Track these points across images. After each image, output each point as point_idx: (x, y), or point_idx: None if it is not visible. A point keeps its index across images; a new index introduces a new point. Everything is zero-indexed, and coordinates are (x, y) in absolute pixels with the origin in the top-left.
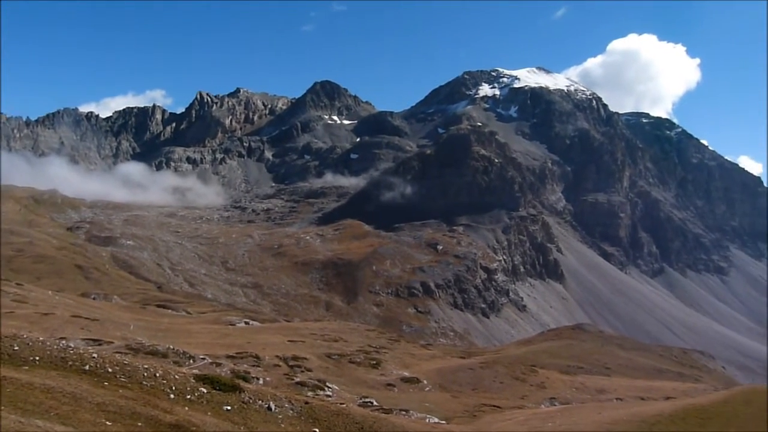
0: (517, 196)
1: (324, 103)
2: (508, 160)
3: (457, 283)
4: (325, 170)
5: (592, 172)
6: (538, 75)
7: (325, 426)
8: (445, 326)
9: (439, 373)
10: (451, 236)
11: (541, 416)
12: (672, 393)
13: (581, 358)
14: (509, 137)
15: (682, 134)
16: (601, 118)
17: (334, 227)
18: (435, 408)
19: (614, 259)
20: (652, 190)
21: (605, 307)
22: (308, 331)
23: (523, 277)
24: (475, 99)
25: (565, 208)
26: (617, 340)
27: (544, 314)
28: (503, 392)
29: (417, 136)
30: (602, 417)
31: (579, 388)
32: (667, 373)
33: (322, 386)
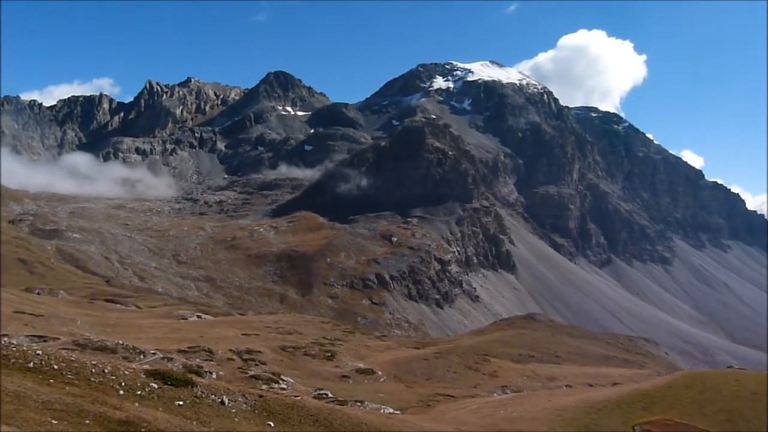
0: (470, 189)
1: (277, 93)
2: (461, 152)
3: (412, 274)
4: (279, 162)
5: (543, 164)
6: (491, 69)
7: (280, 419)
8: (400, 317)
9: (393, 364)
10: (405, 228)
11: (493, 404)
12: (618, 379)
13: (532, 347)
14: (463, 130)
15: (629, 128)
16: (552, 112)
17: (289, 219)
18: (390, 398)
19: (564, 249)
20: (601, 183)
21: (555, 297)
22: (262, 324)
23: (476, 268)
24: (430, 92)
25: (517, 200)
26: (567, 329)
27: (496, 304)
28: (457, 381)
29: (371, 128)
30: (552, 404)
31: (530, 376)
32: (614, 360)
33: (277, 379)
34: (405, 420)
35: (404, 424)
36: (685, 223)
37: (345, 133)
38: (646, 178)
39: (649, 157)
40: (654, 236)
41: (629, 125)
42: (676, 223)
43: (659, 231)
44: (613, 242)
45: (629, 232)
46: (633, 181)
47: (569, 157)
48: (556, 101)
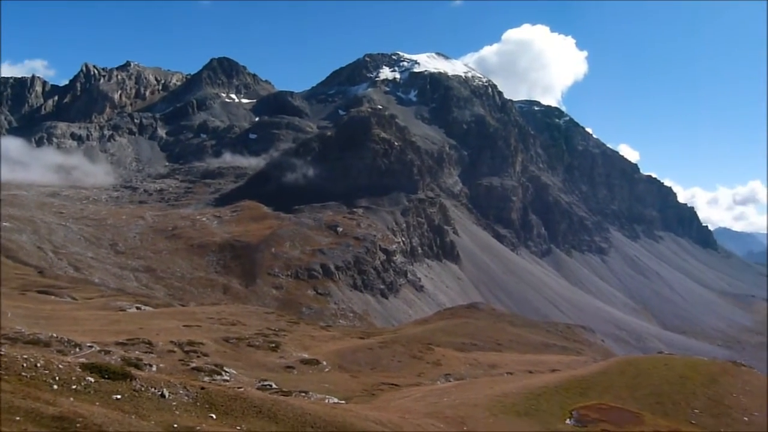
0: (415, 179)
1: (221, 80)
2: (407, 143)
3: (357, 264)
4: (222, 150)
5: (487, 157)
6: (437, 60)
7: (222, 411)
8: (345, 307)
9: (338, 354)
10: (351, 218)
11: (437, 392)
12: (557, 366)
13: (475, 336)
14: (409, 121)
15: (570, 122)
16: (497, 104)
17: (232, 209)
18: (334, 388)
19: (506, 240)
20: (542, 175)
21: (498, 287)
22: (205, 316)
23: (421, 259)
24: (376, 82)
25: (462, 191)
26: (508, 318)
27: (440, 294)
28: (401, 370)
29: (317, 117)
30: (494, 390)
31: (473, 364)
32: (553, 347)
33: (220, 371)
34: (350, 409)
35: (349, 413)
36: (621, 214)
37: (290, 122)
38: (585, 171)
39: (588, 150)
40: (592, 227)
41: (570, 119)
42: (613, 214)
43: (597, 222)
44: (554, 233)
45: (569, 223)
46: (573, 174)
47: (512, 150)
48: (501, 94)
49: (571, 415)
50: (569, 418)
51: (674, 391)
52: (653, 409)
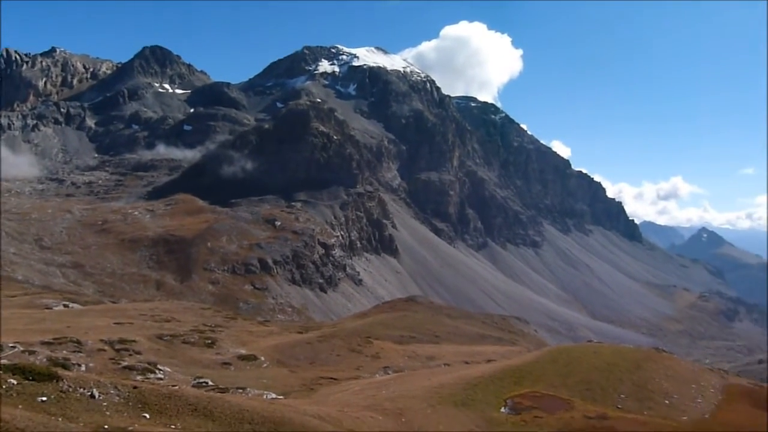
0: (354, 173)
1: (154, 70)
2: (346, 137)
3: (295, 258)
4: (155, 141)
5: (425, 151)
6: (377, 55)
7: (156, 410)
8: (283, 302)
9: (276, 349)
10: (289, 212)
11: (375, 385)
12: (492, 356)
13: (413, 328)
14: (348, 115)
15: (505, 119)
16: (435, 100)
17: (166, 202)
18: (272, 384)
19: (444, 234)
20: (479, 170)
21: (435, 280)
22: (137, 312)
23: (360, 252)
24: (315, 75)
25: (400, 185)
26: (446, 310)
27: (379, 288)
28: (340, 364)
29: (255, 109)
30: (431, 382)
31: (411, 357)
32: (489, 338)
33: (153, 369)
34: (288, 404)
35: (287, 408)
36: (554, 209)
37: (227, 114)
38: (520, 167)
39: (523, 146)
40: (526, 221)
41: (505, 116)
42: (546, 209)
43: (531, 216)
44: (490, 227)
45: (504, 217)
46: (508, 169)
47: (450, 145)
48: (438, 90)
49: (505, 404)
50: (504, 406)
51: (602, 378)
52: (583, 396)
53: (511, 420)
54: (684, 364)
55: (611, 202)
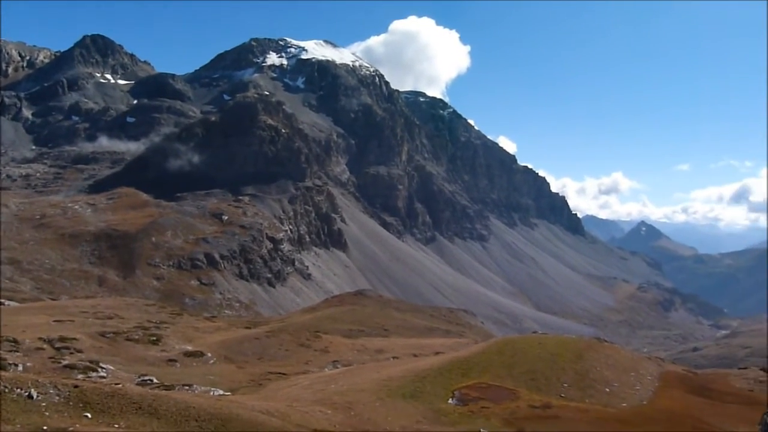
0: (303, 167)
1: (95, 59)
2: (295, 130)
3: (243, 253)
4: (97, 133)
5: (374, 146)
6: (325, 48)
7: (98, 409)
8: (231, 297)
9: (223, 345)
10: (236, 206)
11: (324, 379)
12: (440, 348)
13: (362, 322)
14: (296, 108)
15: (453, 114)
16: (383, 94)
17: (108, 196)
18: (220, 380)
19: (393, 228)
20: (427, 165)
21: (384, 273)
22: (78, 310)
23: (308, 247)
24: (263, 67)
25: (349, 179)
26: (395, 304)
27: (328, 282)
28: (288, 359)
29: (201, 101)
30: (380, 375)
31: (360, 350)
32: (437, 331)
33: (95, 367)
34: (235, 400)
35: (235, 404)
36: (500, 203)
37: (172, 106)
38: (467, 162)
39: (470, 141)
40: (473, 215)
41: (453, 111)
42: (493, 203)
43: (478, 211)
44: (438, 221)
45: (452, 211)
46: (456, 164)
47: (399, 139)
48: (387, 84)
49: (453, 395)
50: (451, 397)
51: (546, 368)
52: (528, 386)
53: (459, 411)
54: (623, 353)
55: (555, 196)
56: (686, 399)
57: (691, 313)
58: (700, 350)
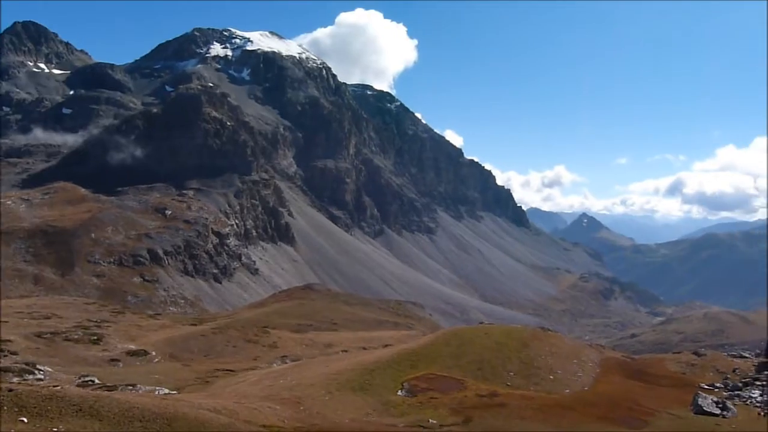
0: (249, 161)
1: (27, 47)
2: (240, 123)
3: (188, 248)
4: (31, 125)
5: (321, 139)
6: (271, 39)
7: (35, 413)
8: (175, 294)
9: (168, 343)
10: (180, 200)
11: (273, 375)
12: (389, 341)
13: (311, 316)
14: (242, 100)
15: (401, 107)
16: (331, 87)
17: (44, 191)
18: (165, 379)
19: (341, 221)
20: (375, 158)
21: (332, 267)
22: (12, 310)
23: (255, 241)
24: (206, 58)
25: (296, 173)
26: (343, 297)
27: (276, 276)
28: (236, 355)
29: (142, 93)
30: (329, 369)
31: (309, 345)
32: (386, 324)
33: (32, 369)
34: (181, 399)
35: (180, 403)
36: (447, 196)
37: (111, 97)
38: (415, 155)
39: (418, 135)
40: (421, 208)
41: (401, 104)
42: (440, 196)
43: (425, 204)
44: (386, 214)
45: (400, 204)
46: (403, 157)
47: (346, 133)
48: (335, 77)
49: (402, 387)
50: (401, 389)
51: (493, 357)
52: (475, 375)
53: (408, 402)
54: (566, 342)
55: (501, 189)
56: (625, 383)
57: (629, 301)
58: (638, 336)
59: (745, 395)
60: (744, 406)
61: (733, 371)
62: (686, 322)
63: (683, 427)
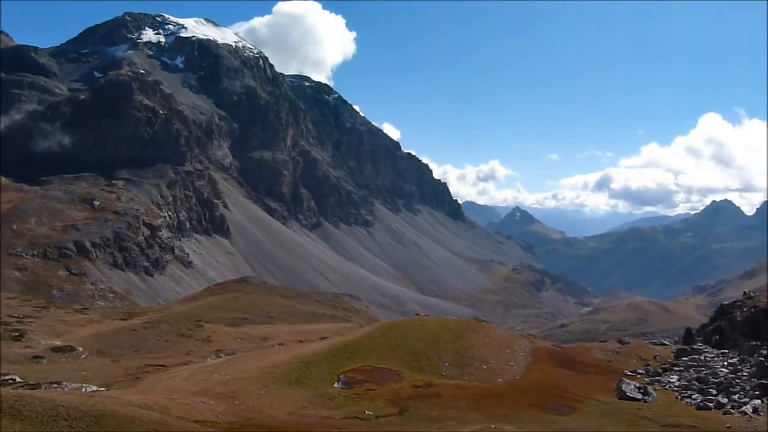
0: (183, 151)
1: None
2: (173, 112)
3: (117, 241)
4: None
5: (258, 130)
6: (206, 27)
7: None
8: (104, 288)
9: (96, 339)
10: (109, 191)
11: (207, 369)
12: (326, 333)
13: (246, 310)
14: (175, 89)
15: (339, 100)
16: (268, 77)
17: None
18: (93, 376)
19: (277, 214)
20: (312, 150)
21: (269, 260)
22: None
23: (189, 233)
24: (138, 44)
25: (232, 164)
26: (279, 290)
27: (210, 269)
28: (168, 350)
29: (68, 78)
30: (265, 362)
31: (244, 338)
32: (323, 317)
33: None
34: (110, 396)
35: (109, 400)
36: (385, 189)
37: (35, 82)
38: (353, 148)
39: (356, 127)
40: (358, 201)
41: (339, 96)
42: (377, 189)
43: (363, 196)
44: (323, 206)
45: (337, 197)
46: (341, 150)
47: (283, 124)
48: (272, 67)
49: (338, 379)
50: (337, 381)
51: (428, 348)
52: (411, 366)
53: (344, 394)
54: (499, 332)
55: (437, 183)
56: (554, 372)
57: (559, 292)
58: (567, 326)
59: (664, 380)
60: (663, 390)
61: (653, 358)
62: (612, 312)
63: (608, 412)
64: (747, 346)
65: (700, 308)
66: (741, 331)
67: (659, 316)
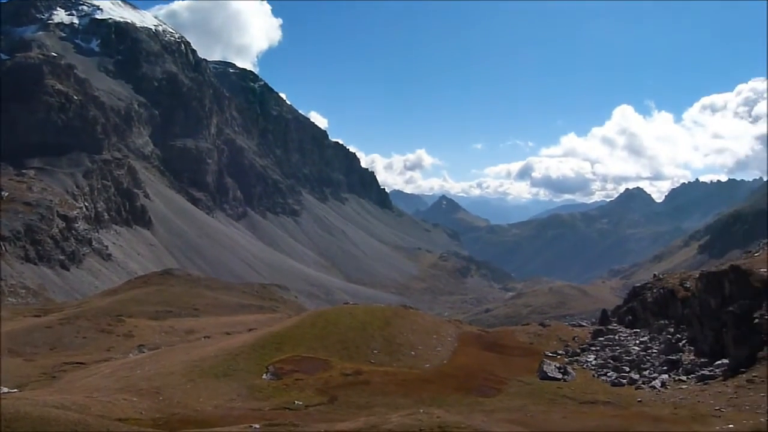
0: (100, 138)
1: None
2: (89, 98)
3: (29, 233)
4: None
5: (180, 117)
6: (124, 9)
7: None
8: (15, 283)
9: (8, 337)
10: (19, 181)
11: (129, 365)
12: (254, 324)
13: (170, 303)
14: (90, 73)
15: (264, 87)
16: (190, 63)
17: None
18: (4, 377)
19: (202, 204)
20: (237, 138)
21: (193, 251)
22: None
23: (108, 225)
24: (49, 25)
25: (153, 152)
26: (205, 282)
27: (131, 262)
28: (87, 347)
29: None
30: (191, 356)
31: (168, 332)
32: (250, 308)
33: None
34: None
35: (22, 401)
36: (312, 178)
37: None
38: (279, 136)
39: (282, 116)
40: (286, 190)
41: (264, 84)
42: (305, 178)
43: (290, 185)
44: (249, 196)
45: (264, 186)
46: (267, 138)
47: (207, 111)
48: (194, 52)
49: (267, 370)
50: (266, 372)
51: (357, 336)
52: (340, 355)
53: (273, 385)
54: (427, 318)
55: (365, 171)
56: (480, 355)
57: (484, 278)
58: (492, 311)
59: (582, 360)
60: (582, 369)
61: (573, 339)
62: (534, 296)
63: (531, 392)
64: (656, 325)
65: (615, 290)
66: (651, 311)
67: (578, 299)
